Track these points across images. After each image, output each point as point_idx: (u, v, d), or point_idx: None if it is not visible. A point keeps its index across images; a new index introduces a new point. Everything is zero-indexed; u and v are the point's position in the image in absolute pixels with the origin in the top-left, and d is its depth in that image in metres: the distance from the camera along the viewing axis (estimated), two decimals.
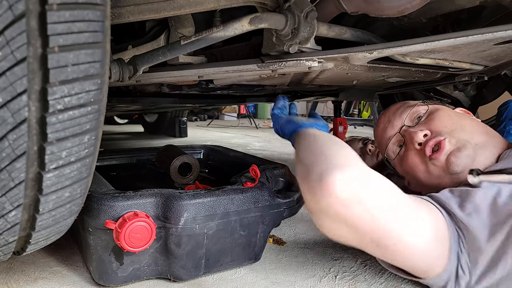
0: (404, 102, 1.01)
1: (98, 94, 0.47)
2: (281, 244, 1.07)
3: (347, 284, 0.85)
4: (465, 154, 0.82)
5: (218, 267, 0.86)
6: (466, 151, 0.82)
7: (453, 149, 0.83)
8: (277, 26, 0.75)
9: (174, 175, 1.16)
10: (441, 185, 0.87)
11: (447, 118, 0.88)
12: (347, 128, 2.46)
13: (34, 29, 0.40)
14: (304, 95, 1.75)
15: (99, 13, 0.43)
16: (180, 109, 3.57)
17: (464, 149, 0.82)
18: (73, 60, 0.42)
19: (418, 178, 0.91)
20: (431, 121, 0.89)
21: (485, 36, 0.69)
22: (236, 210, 0.83)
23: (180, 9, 0.74)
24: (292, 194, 0.96)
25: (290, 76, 1.09)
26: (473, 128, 0.87)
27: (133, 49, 0.94)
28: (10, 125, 0.43)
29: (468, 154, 0.82)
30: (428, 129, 0.88)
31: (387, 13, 0.76)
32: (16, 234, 0.55)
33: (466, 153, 0.82)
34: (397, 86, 1.48)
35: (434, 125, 0.88)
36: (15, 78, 0.40)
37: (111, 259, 0.76)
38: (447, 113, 0.90)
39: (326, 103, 6.71)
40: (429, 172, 0.87)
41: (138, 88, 1.43)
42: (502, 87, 1.62)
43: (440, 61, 0.94)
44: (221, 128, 5.24)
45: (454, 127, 0.86)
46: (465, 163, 0.81)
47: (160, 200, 0.77)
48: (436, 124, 0.88)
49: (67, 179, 0.51)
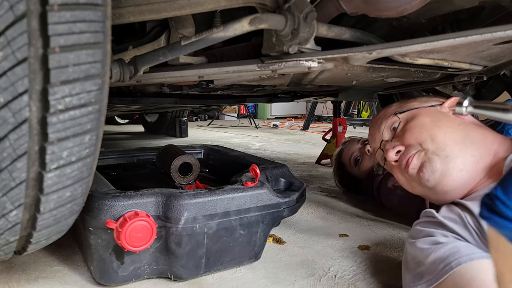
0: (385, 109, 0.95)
1: (99, 94, 0.47)
2: (281, 243, 1.07)
3: (346, 283, 0.85)
4: (430, 169, 0.77)
5: (218, 266, 0.86)
6: (431, 165, 0.77)
7: (420, 164, 0.79)
8: (277, 26, 0.75)
9: (175, 175, 1.16)
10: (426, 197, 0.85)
11: (418, 129, 0.82)
12: (346, 128, 2.47)
13: (35, 29, 0.40)
14: (303, 95, 1.76)
15: (100, 13, 0.43)
16: (181, 109, 3.57)
17: (430, 164, 0.77)
18: (74, 61, 0.43)
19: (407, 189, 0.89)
20: (404, 134, 0.84)
21: (484, 37, 0.69)
22: (236, 210, 0.83)
23: (181, 9, 0.74)
24: (292, 193, 0.96)
25: (290, 76, 1.09)
26: (447, 137, 0.78)
27: (133, 50, 0.94)
28: (11, 125, 0.43)
29: (434, 169, 0.77)
30: (401, 143, 0.84)
31: (387, 13, 0.76)
32: (17, 233, 0.56)
33: (432, 168, 0.77)
34: (396, 86, 1.49)
35: (405, 138, 0.83)
36: (16, 78, 0.41)
37: (112, 259, 0.76)
38: (420, 122, 0.83)
39: (326, 103, 6.72)
40: (411, 185, 0.85)
41: (139, 88, 1.43)
42: (501, 87, 1.62)
43: (439, 61, 0.94)
44: (221, 128, 5.24)
45: (424, 137, 0.80)
46: (434, 178, 0.77)
47: (161, 199, 0.78)
48: (407, 138, 0.83)
49: (68, 179, 0.51)
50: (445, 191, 0.78)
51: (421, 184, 0.80)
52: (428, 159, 0.78)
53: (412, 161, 0.80)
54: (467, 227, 0.69)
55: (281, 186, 1.08)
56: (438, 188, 0.78)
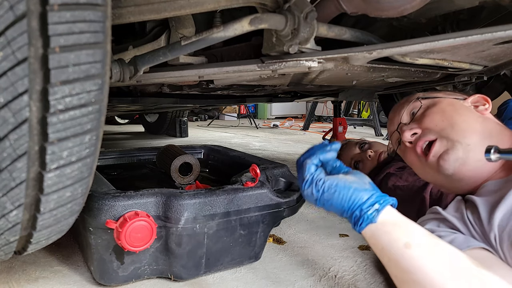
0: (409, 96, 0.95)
1: (99, 94, 0.47)
2: (281, 244, 1.07)
3: (346, 283, 0.85)
4: (453, 157, 0.77)
5: (218, 266, 0.86)
6: (454, 153, 0.77)
7: (443, 151, 0.78)
8: (277, 26, 0.75)
9: (175, 175, 1.16)
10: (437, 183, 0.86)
11: (439, 115, 0.82)
12: (346, 128, 2.47)
13: (35, 29, 0.40)
14: (304, 95, 1.75)
15: (100, 13, 0.43)
16: (181, 109, 3.57)
17: (453, 152, 0.77)
18: (74, 61, 0.43)
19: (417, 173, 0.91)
20: (423, 118, 0.84)
21: (484, 36, 0.69)
22: (237, 210, 0.83)
23: (181, 9, 0.74)
24: (292, 193, 0.96)
25: (290, 76, 1.09)
26: (467, 125, 0.79)
27: (133, 50, 0.94)
28: (11, 125, 0.43)
29: (457, 157, 0.76)
30: (419, 127, 0.84)
31: (387, 13, 0.76)
32: (17, 233, 0.56)
33: (455, 156, 0.76)
34: (396, 86, 1.49)
35: (424, 123, 0.83)
36: (16, 78, 0.41)
37: (112, 259, 0.76)
38: (441, 109, 0.83)
39: (326, 103, 6.71)
40: (424, 170, 0.85)
41: (139, 88, 1.43)
42: (502, 87, 1.62)
43: (439, 61, 0.94)
44: (222, 128, 5.24)
45: (444, 125, 0.80)
46: (454, 167, 0.77)
47: (161, 199, 0.78)
48: (426, 122, 0.83)
49: (68, 179, 0.51)
50: (460, 179, 0.78)
51: (438, 171, 0.80)
52: (452, 147, 0.77)
53: (434, 148, 0.79)
54: (465, 222, 0.71)
55: (281, 186, 1.08)
56: (455, 176, 0.78)
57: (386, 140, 3.88)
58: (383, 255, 0.61)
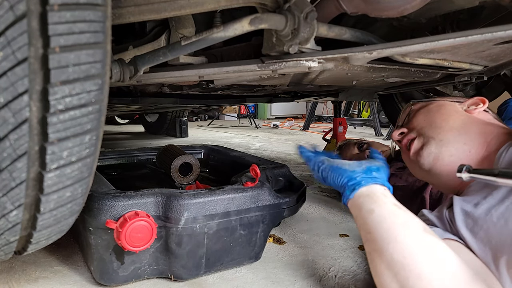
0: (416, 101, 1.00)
1: (99, 94, 0.47)
2: (281, 244, 1.07)
3: (346, 283, 0.85)
4: (426, 152, 0.81)
5: (218, 266, 0.86)
6: (428, 148, 0.81)
7: (418, 147, 0.83)
8: (277, 26, 0.75)
9: (175, 175, 1.16)
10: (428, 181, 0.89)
11: (423, 116, 0.87)
12: (346, 128, 2.47)
13: (35, 29, 0.40)
14: (304, 95, 1.75)
15: (100, 13, 0.43)
16: (181, 109, 3.57)
17: (426, 147, 0.81)
18: (74, 61, 0.43)
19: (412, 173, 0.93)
20: (411, 119, 0.91)
21: (484, 36, 0.69)
22: (237, 210, 0.83)
23: (181, 9, 0.74)
24: (292, 193, 0.96)
25: (290, 76, 1.09)
26: (445, 123, 0.82)
27: (133, 50, 0.94)
28: (11, 125, 0.43)
29: (429, 152, 0.80)
30: (406, 127, 0.90)
31: (387, 13, 0.76)
32: (17, 233, 0.56)
33: (428, 151, 0.80)
34: (396, 86, 1.48)
35: (411, 123, 0.89)
36: (16, 78, 0.41)
37: (112, 259, 0.76)
38: (427, 110, 0.88)
39: (326, 103, 6.72)
40: (414, 168, 0.88)
41: (139, 88, 1.43)
42: (502, 87, 1.62)
43: (439, 61, 0.94)
44: (222, 128, 5.24)
45: (424, 124, 0.85)
46: (428, 161, 0.80)
47: (161, 199, 0.78)
48: (412, 123, 0.89)
49: (68, 179, 0.51)
50: (438, 175, 0.81)
51: (420, 167, 0.83)
52: (426, 142, 0.82)
53: (413, 145, 0.84)
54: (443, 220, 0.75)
55: (281, 186, 1.08)
56: (432, 172, 0.81)
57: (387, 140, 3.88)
58: (357, 224, 0.70)
